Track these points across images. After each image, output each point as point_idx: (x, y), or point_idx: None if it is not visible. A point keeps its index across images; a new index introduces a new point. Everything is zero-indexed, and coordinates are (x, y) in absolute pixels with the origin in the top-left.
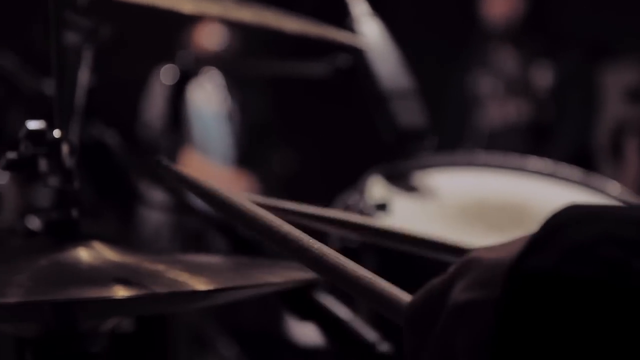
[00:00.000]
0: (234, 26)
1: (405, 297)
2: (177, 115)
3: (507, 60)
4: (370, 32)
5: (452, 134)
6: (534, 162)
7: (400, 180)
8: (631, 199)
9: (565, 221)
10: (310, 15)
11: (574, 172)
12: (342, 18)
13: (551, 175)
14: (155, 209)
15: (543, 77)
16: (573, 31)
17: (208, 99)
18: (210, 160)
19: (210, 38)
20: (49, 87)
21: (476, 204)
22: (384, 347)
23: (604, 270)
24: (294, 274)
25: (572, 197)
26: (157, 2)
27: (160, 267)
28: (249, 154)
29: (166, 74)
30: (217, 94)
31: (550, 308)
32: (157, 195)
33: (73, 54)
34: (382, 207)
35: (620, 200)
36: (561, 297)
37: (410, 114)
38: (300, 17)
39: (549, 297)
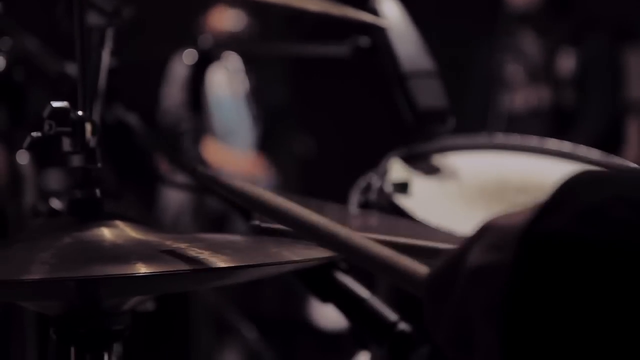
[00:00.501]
0: (256, 6)
1: (425, 270)
2: (198, 98)
3: (530, 45)
4: (390, 13)
5: (474, 117)
6: (554, 143)
7: (420, 161)
8: None
9: (577, 185)
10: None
11: (594, 152)
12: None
13: (571, 155)
14: (177, 188)
15: (566, 63)
16: (596, 15)
17: (227, 83)
18: (229, 146)
19: (229, 21)
20: (72, 69)
21: (496, 185)
22: (404, 326)
23: (616, 231)
24: (314, 252)
25: None
26: None
27: (181, 245)
28: (267, 137)
29: (187, 57)
30: (236, 78)
31: (562, 269)
32: (178, 176)
33: (96, 35)
34: (402, 187)
35: None
36: (573, 258)
37: (430, 94)
38: None
39: (561, 258)
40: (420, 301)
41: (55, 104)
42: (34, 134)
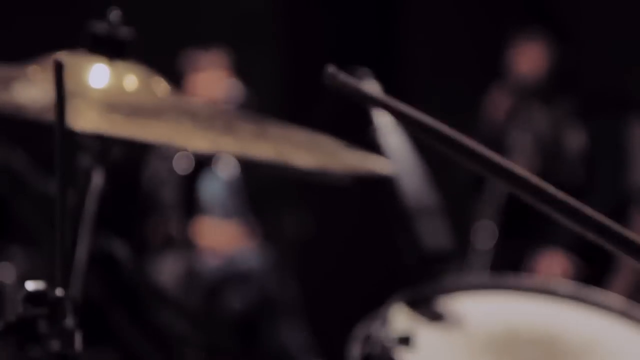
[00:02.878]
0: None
1: None
2: (192, 203)
3: (537, 117)
4: (393, 145)
5: (473, 184)
6: (563, 284)
7: (425, 306)
8: None
9: None
10: (331, 125)
11: (608, 296)
12: (364, 127)
13: (580, 299)
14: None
15: (575, 138)
16: (602, 88)
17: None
18: (219, 221)
19: (225, 89)
20: (54, 187)
21: (505, 335)
22: None
23: None
24: None
25: (605, 327)
26: (173, 140)
27: None
28: (263, 216)
29: (180, 163)
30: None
31: None
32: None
33: (83, 176)
34: (405, 340)
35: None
36: None
37: (435, 234)
38: (321, 151)
39: None
40: None
41: (30, 285)
42: (10, 317)
